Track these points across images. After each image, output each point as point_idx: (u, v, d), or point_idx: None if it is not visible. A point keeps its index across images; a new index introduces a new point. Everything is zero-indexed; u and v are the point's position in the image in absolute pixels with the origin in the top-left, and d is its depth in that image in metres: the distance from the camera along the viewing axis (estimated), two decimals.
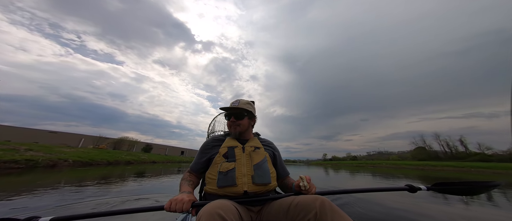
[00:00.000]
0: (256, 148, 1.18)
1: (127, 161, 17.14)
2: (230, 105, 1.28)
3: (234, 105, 1.26)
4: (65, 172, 8.14)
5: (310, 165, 51.14)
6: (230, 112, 1.27)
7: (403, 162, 42.88)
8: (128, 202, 3.35)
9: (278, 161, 1.30)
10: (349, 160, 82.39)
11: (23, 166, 8.68)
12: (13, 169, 8.09)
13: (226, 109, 1.29)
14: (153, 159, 23.11)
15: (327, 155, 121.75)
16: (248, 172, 1.05)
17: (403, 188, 1.07)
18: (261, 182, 1.03)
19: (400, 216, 2.82)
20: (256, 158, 1.11)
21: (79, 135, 39.18)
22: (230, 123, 1.25)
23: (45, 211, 2.71)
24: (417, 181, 8.94)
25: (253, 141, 1.25)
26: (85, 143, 36.60)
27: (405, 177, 10.70)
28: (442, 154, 49.75)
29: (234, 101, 1.31)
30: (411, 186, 1.06)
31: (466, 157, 40.46)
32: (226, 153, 1.12)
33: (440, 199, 3.96)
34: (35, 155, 10.13)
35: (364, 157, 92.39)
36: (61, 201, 3.30)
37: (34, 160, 9.41)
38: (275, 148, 1.35)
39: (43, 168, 9.04)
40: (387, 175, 12.85)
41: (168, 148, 55.94)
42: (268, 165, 1.13)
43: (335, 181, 8.83)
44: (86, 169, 10.07)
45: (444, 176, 13.30)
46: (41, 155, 10.36)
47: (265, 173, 1.07)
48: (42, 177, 6.28)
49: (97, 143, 35.29)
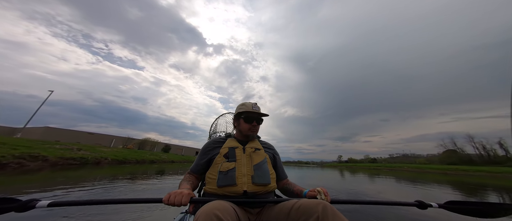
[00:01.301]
0: (257, 149, 1.20)
1: (151, 160, 19.80)
2: (251, 109, 1.27)
3: (256, 110, 1.27)
4: (106, 168, 10.39)
5: (324, 167, 50.21)
6: (254, 115, 1.27)
7: (428, 166, 39.79)
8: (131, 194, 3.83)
9: (278, 163, 1.32)
10: (367, 162, 78.97)
11: (78, 163, 11.30)
12: (71, 165, 10.68)
13: (251, 112, 1.27)
14: (172, 158, 25.79)
15: (342, 156, 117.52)
16: (248, 172, 1.06)
17: (411, 204, 0.98)
18: (261, 182, 1.04)
19: None
20: (256, 159, 1.14)
21: (111, 136, 43.65)
22: (252, 127, 1.26)
23: (44, 195, 3.14)
24: (443, 188, 7.84)
25: (254, 142, 1.28)
26: (116, 143, 40.83)
27: (422, 184, 9.29)
28: (477, 157, 44.96)
29: (253, 104, 1.31)
30: (421, 202, 0.97)
31: (506, 162, 35.72)
32: (226, 153, 1.14)
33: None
34: (84, 153, 12.85)
35: (386, 160, 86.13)
36: (105, 190, 4.38)
37: (85, 158, 12.08)
38: (275, 150, 1.38)
39: (91, 165, 11.61)
40: (405, 180, 11.52)
41: (184, 148, 59.51)
42: (268, 166, 1.15)
43: (336, 183, 8.55)
44: (121, 166, 12.45)
45: (477, 182, 11.83)
46: (88, 154, 13.07)
47: (264, 174, 1.09)
48: (93, 172, 8.51)
49: (125, 144, 39.25)
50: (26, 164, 8.18)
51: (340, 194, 5.61)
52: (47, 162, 9.40)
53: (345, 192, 6.02)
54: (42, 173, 6.85)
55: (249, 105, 1.29)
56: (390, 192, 6.64)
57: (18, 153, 8.38)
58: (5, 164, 7.43)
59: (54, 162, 9.83)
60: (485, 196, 6.12)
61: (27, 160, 8.40)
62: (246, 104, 1.30)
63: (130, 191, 4.55)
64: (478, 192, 6.90)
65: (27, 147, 9.90)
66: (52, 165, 9.41)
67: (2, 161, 7.35)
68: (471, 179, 13.84)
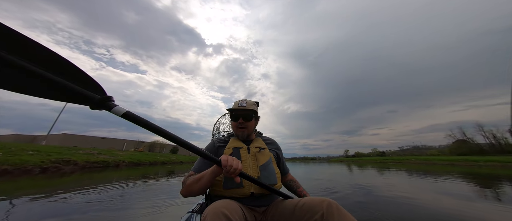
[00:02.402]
0: (261, 149, 1.18)
1: (162, 162, 21.17)
2: (237, 106, 1.22)
3: (242, 106, 1.21)
4: (124, 170, 11.51)
5: (331, 162, 50.44)
6: (237, 113, 1.21)
7: (436, 157, 38.69)
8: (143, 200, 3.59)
9: (281, 159, 1.31)
10: (375, 156, 78.38)
11: (101, 166, 12.63)
12: (96, 167, 12.00)
13: (233, 110, 1.22)
14: (181, 159, 27.10)
15: (349, 151, 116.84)
16: (254, 174, 1.05)
17: None
18: (268, 183, 1.02)
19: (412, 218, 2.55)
20: (262, 159, 1.12)
21: (122, 140, 45.69)
22: (238, 124, 1.20)
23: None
24: (455, 180, 6.85)
25: (257, 141, 1.24)
26: (127, 146, 42.96)
27: (435, 176, 8.45)
28: (488, 147, 43.16)
29: (240, 101, 1.25)
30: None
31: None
32: (231, 154, 1.11)
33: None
34: (105, 157, 14.20)
35: (395, 152, 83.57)
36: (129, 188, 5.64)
37: (107, 161, 13.40)
38: (278, 146, 1.37)
39: (112, 168, 12.91)
40: (417, 172, 10.75)
41: None
42: (273, 166, 1.13)
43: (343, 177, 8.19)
44: (137, 168, 13.62)
45: (487, 172, 11.35)
46: (108, 157, 14.42)
47: (271, 174, 1.08)
48: (115, 174, 9.69)
49: (137, 147, 41.29)
50: (62, 168, 9.49)
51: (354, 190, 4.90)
52: (77, 166, 10.73)
53: (358, 189, 5.14)
54: (74, 175, 8.02)
55: (236, 103, 1.26)
56: (401, 186, 5.74)
57: (53, 159, 9.69)
58: (46, 168, 8.74)
59: (82, 165, 11.17)
60: (500, 187, 5.48)
61: (61, 164, 9.72)
62: (235, 102, 1.28)
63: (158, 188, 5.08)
64: (493, 184, 6.14)
65: (58, 153, 11.25)
66: (81, 168, 10.72)
67: (43, 166, 8.65)
68: (482, 170, 13.45)
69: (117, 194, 4.25)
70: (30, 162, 8.37)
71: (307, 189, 1.36)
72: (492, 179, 8.09)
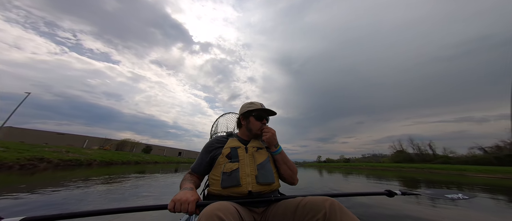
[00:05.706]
0: (259, 148, 1.20)
1: (135, 161, 21.27)
2: (262, 107, 1.29)
3: (264, 108, 1.29)
4: (95, 169, 11.40)
5: (306, 167, 54.55)
6: (263, 113, 1.28)
7: (378, 164, 48.19)
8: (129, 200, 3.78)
9: None
10: (342, 162, 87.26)
11: (74, 164, 12.90)
12: (69, 165, 12.27)
13: (259, 110, 1.27)
14: (155, 159, 27.06)
15: (321, 157, 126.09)
16: (252, 172, 1.07)
17: (382, 193, 1.14)
18: (265, 181, 1.05)
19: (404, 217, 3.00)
20: (259, 158, 1.14)
21: (83, 136, 41.13)
22: (262, 124, 1.26)
23: (13, 212, 2.65)
24: (392, 182, 9.63)
25: (255, 141, 1.27)
26: (89, 144, 38.85)
27: (370, 179, 10.93)
28: (416, 156, 55.28)
29: (259, 103, 1.32)
30: (390, 191, 1.14)
31: (433, 159, 45.32)
32: (229, 153, 1.14)
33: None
34: (76, 156, 14.35)
35: (358, 160, 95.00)
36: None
37: (79, 160, 13.65)
38: None
39: (85, 166, 13.24)
40: (374, 177, 12.90)
41: (166, 148, 58.97)
42: (270, 165, 1.15)
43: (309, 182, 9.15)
44: (109, 167, 13.75)
45: (411, 176, 15.66)
46: (79, 156, 14.58)
47: (268, 173, 1.10)
48: (87, 172, 10.32)
49: (102, 145, 38.13)
50: (37, 165, 9.90)
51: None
52: (51, 163, 11.06)
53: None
54: (47, 173, 8.45)
55: (258, 104, 1.30)
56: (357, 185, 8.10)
57: (28, 156, 10.03)
58: (23, 165, 9.18)
59: (56, 163, 11.48)
60: (416, 186, 8.51)
61: (36, 161, 10.11)
62: (255, 103, 1.31)
63: (129, 195, 4.40)
64: (411, 183, 9.63)
65: (27, 151, 11.33)
66: (54, 166, 11.05)
67: (20, 163, 9.10)
68: (403, 174, 19.11)
69: (129, 186, 5.52)
70: (8, 159, 8.77)
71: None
72: (392, 178, 12.13)
